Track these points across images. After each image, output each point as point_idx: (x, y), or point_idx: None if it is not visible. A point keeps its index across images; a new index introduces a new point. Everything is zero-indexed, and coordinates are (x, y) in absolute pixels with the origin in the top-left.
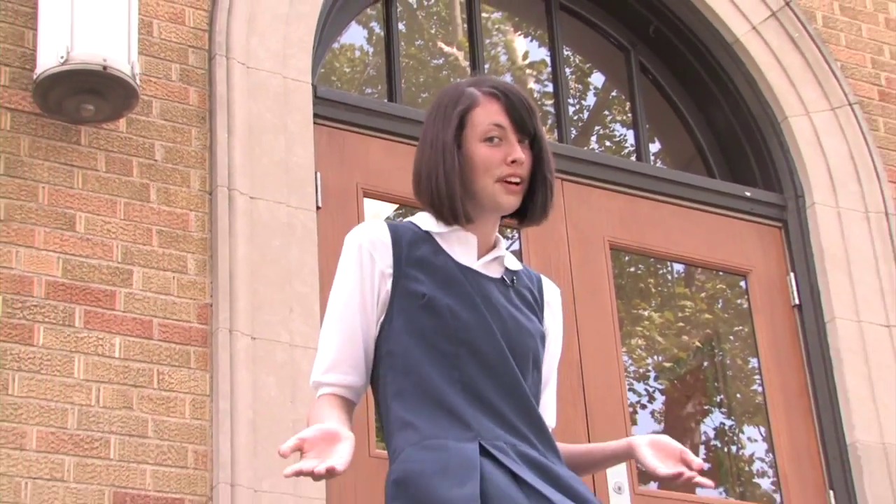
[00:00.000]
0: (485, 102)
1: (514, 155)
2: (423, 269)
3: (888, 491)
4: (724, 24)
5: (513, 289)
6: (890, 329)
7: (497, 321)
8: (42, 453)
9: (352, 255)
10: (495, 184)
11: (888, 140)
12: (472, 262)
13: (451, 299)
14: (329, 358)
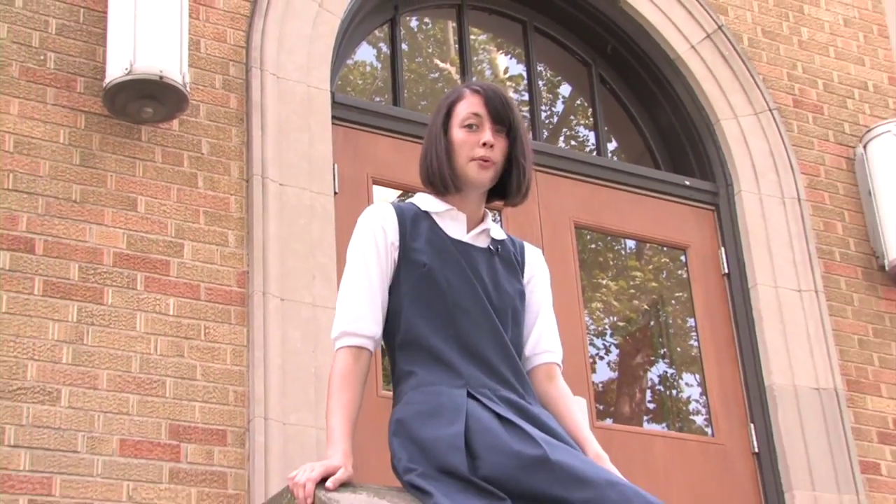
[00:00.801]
0: (468, 96)
1: (485, 138)
2: (423, 242)
3: (796, 423)
4: (668, 44)
5: (497, 256)
6: (800, 293)
7: (482, 285)
8: (111, 392)
9: (367, 231)
10: (469, 162)
11: (800, 139)
12: (462, 236)
13: (445, 268)
14: (354, 313)
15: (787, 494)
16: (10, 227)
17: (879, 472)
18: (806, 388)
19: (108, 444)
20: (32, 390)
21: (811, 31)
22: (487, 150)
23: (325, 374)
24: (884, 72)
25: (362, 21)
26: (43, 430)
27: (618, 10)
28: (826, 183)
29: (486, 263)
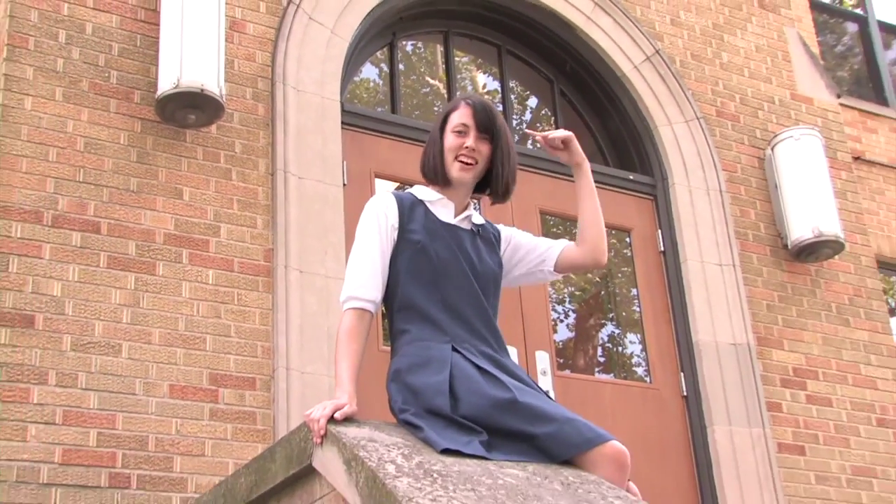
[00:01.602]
0: (461, 108)
1: (468, 143)
2: (418, 225)
3: (717, 372)
4: (615, 64)
5: (479, 236)
6: (721, 267)
7: (466, 259)
8: (162, 346)
9: (372, 215)
10: (454, 161)
11: (722, 142)
12: (450, 220)
13: (435, 245)
14: (361, 281)
15: (708, 429)
16: (81, 213)
17: (781, 410)
18: (725, 344)
19: (160, 388)
20: (99, 345)
21: (730, 55)
22: (469, 153)
23: (335, 333)
24: (787, 89)
25: (366, 45)
26: (108, 377)
27: (575, 36)
28: (742, 178)
29: (470, 242)
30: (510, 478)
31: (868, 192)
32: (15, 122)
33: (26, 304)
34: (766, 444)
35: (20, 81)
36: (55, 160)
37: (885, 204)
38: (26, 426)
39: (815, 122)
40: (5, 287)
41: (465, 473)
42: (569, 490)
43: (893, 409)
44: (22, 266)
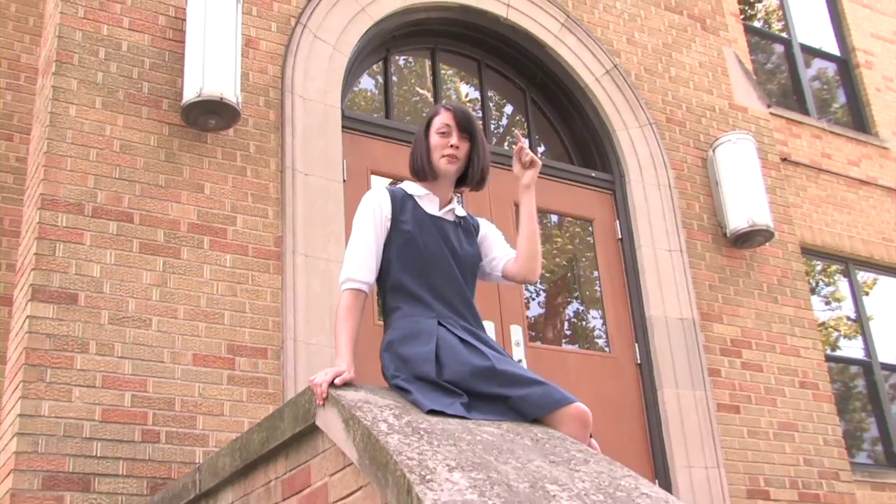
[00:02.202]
0: (443, 113)
1: (452, 141)
2: (408, 216)
3: (666, 342)
4: (580, 77)
5: (461, 227)
6: (670, 252)
7: (449, 247)
8: (186, 321)
9: (368, 207)
10: (441, 158)
11: (671, 145)
12: (435, 212)
13: (422, 234)
14: (357, 265)
15: (658, 392)
16: (117, 205)
17: (720, 375)
18: (673, 319)
19: (185, 356)
20: (132, 319)
21: (677, 70)
22: (454, 150)
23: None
24: (725, 99)
25: (364, 59)
26: (140, 347)
27: (545, 52)
28: (688, 176)
29: (453, 232)
30: (487, 434)
31: (793, 188)
32: (61, 127)
33: (70, 284)
34: (707, 404)
35: (66, 92)
36: (95, 160)
37: (807, 199)
38: (71, 389)
39: (750, 128)
40: (53, 269)
41: (447, 431)
42: (538, 445)
43: (813, 374)
44: (66, 251)
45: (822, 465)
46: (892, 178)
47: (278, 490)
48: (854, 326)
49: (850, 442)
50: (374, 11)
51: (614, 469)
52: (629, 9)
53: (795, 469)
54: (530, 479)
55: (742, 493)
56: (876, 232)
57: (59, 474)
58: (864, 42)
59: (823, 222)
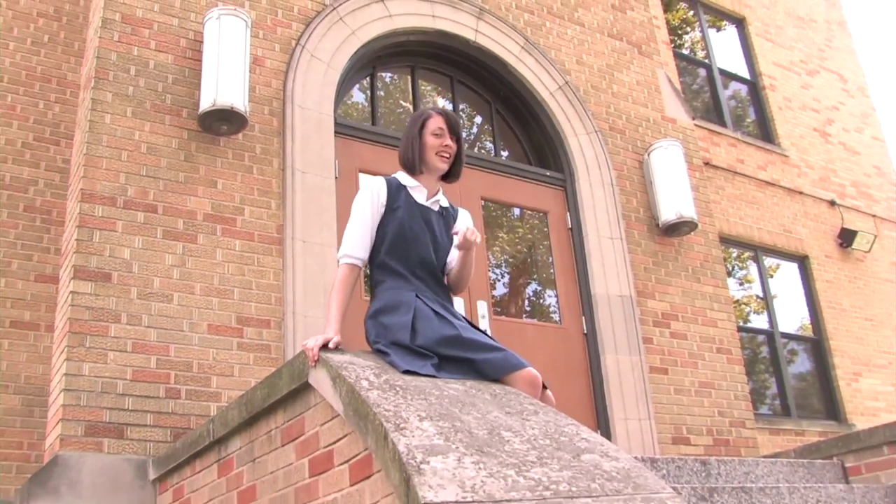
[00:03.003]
0: (436, 116)
1: (447, 142)
2: (400, 203)
3: (608, 315)
4: (536, 91)
5: (443, 217)
6: (612, 240)
7: (431, 233)
8: (202, 296)
9: (367, 193)
10: (435, 155)
11: (613, 149)
12: (423, 202)
13: (411, 221)
14: (354, 243)
15: (601, 357)
16: (143, 198)
17: (652, 343)
18: (614, 296)
19: (201, 326)
20: (156, 294)
21: (618, 87)
22: (447, 150)
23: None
24: (658, 112)
25: (354, 75)
26: (163, 318)
27: (507, 70)
28: (627, 175)
29: (436, 221)
30: (453, 391)
31: (714, 188)
32: (98, 133)
33: (105, 265)
34: (641, 367)
35: (102, 104)
36: (126, 160)
37: (725, 197)
38: (106, 353)
39: (678, 136)
40: (91, 252)
41: (419, 387)
42: (496, 399)
43: (727, 341)
44: (102, 238)
45: (732, 416)
46: (791, 180)
47: (278, 438)
48: (761, 303)
49: (755, 397)
50: (363, 35)
51: (559, 419)
52: (578, 35)
53: (711, 419)
54: (488, 427)
55: (668, 439)
56: (779, 225)
57: (99, 423)
58: (769, 69)
59: (738, 216)
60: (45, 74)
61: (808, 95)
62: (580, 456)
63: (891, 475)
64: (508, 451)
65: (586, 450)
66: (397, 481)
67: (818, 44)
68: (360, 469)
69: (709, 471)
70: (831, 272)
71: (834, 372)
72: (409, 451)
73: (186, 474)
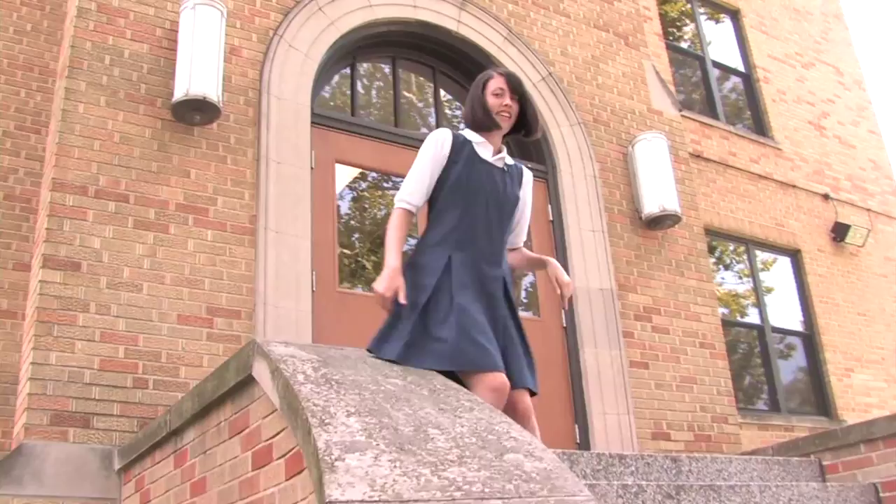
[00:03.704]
0: (496, 77)
1: (506, 101)
2: (463, 156)
3: (588, 309)
4: None
5: (507, 173)
6: (594, 232)
7: (492, 188)
8: (172, 286)
9: (432, 143)
10: (496, 114)
11: (597, 141)
12: (487, 158)
13: (471, 173)
14: (412, 189)
15: (580, 350)
16: (115, 187)
17: (633, 337)
18: (594, 289)
19: (171, 316)
20: (126, 284)
21: (604, 78)
22: (508, 109)
23: (302, 278)
24: (644, 104)
25: (333, 65)
26: (132, 308)
27: (489, 61)
28: (611, 168)
29: (499, 176)
30: (391, 385)
31: (705, 181)
32: (71, 122)
33: (75, 254)
34: (621, 361)
35: (76, 93)
36: (98, 149)
37: (716, 190)
38: (74, 342)
39: (664, 128)
40: (61, 241)
41: (357, 382)
42: (433, 395)
43: (711, 336)
44: (72, 227)
45: (714, 411)
46: (784, 174)
47: (226, 430)
48: (752, 297)
49: (745, 393)
50: (342, 25)
51: (493, 416)
52: (563, 26)
53: (693, 415)
54: (416, 424)
55: (648, 434)
56: (771, 218)
57: (65, 413)
58: (763, 61)
59: (729, 209)
60: (27, 63)
61: (804, 88)
62: (503, 455)
63: (867, 473)
64: (430, 449)
65: (512, 449)
66: (315, 478)
67: (814, 36)
68: (294, 464)
69: (679, 468)
70: (824, 266)
71: (825, 367)
72: (326, 448)
73: (147, 465)
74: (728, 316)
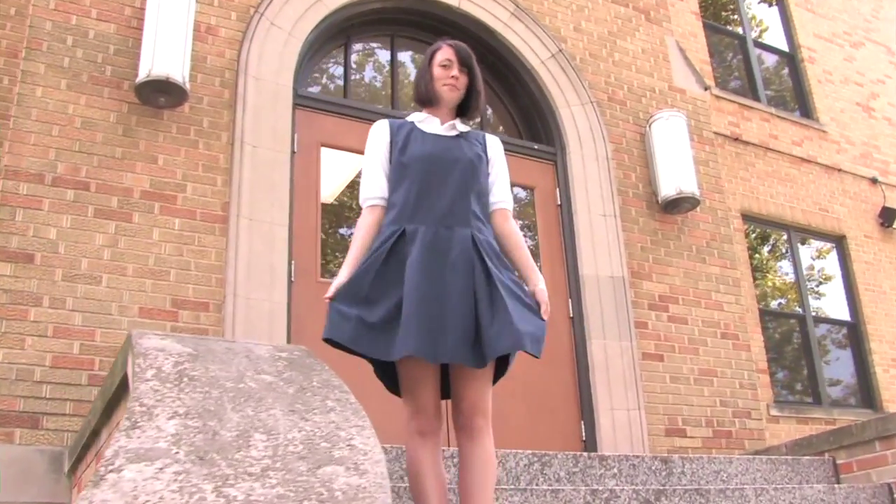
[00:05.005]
0: (444, 48)
1: (453, 73)
2: (402, 136)
3: (596, 298)
4: (527, 60)
5: (465, 139)
6: (605, 217)
7: (443, 150)
8: (134, 278)
9: (370, 137)
10: (442, 86)
11: (611, 121)
12: (434, 131)
13: (413, 147)
14: (366, 185)
15: (588, 342)
16: (75, 175)
17: (647, 328)
18: (604, 277)
19: (132, 310)
20: (84, 276)
21: (621, 55)
22: (454, 81)
23: (277, 268)
24: (665, 82)
25: (323, 45)
26: (90, 301)
27: (495, 38)
28: (626, 149)
29: (452, 142)
30: (254, 383)
31: (743, 164)
32: (27, 107)
33: (28, 246)
34: (632, 353)
35: (34, 76)
36: (57, 135)
37: (755, 173)
38: (24, 338)
39: (687, 107)
40: (12, 232)
41: (215, 379)
42: (299, 393)
43: (734, 326)
44: (26, 216)
45: (736, 405)
46: (829, 157)
47: None
48: (793, 286)
49: (784, 384)
50: (330, 2)
51: (347, 421)
52: (577, 0)
53: (712, 409)
54: (245, 428)
55: (661, 431)
56: (814, 203)
57: (11, 413)
58: (808, 41)
59: (769, 194)
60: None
61: (852, 68)
62: (320, 468)
63: (882, 473)
64: (237, 458)
65: (337, 460)
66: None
67: (864, 14)
68: None
69: (670, 469)
70: (871, 253)
71: (871, 358)
72: (113, 456)
73: (83, 467)
74: (766, 304)
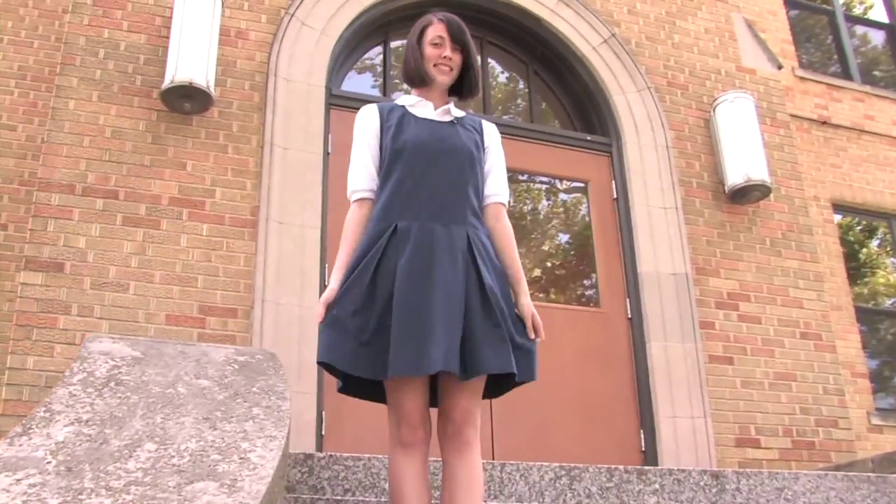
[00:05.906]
0: (436, 23)
1: (446, 52)
2: (393, 122)
3: (657, 297)
4: (577, 47)
5: (460, 126)
6: (665, 210)
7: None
8: (161, 285)
9: (357, 125)
10: (434, 67)
11: (671, 107)
12: (427, 116)
13: (405, 134)
14: (354, 177)
15: (647, 344)
16: (104, 184)
17: (714, 328)
18: (665, 274)
19: (159, 317)
20: (112, 284)
21: (681, 36)
22: (447, 61)
23: (308, 272)
24: (732, 62)
25: (360, 43)
26: (117, 308)
27: (542, 27)
28: (688, 136)
29: (447, 129)
30: (186, 388)
31: (832, 149)
32: (60, 120)
33: (58, 255)
34: (697, 356)
35: (67, 89)
36: (88, 146)
37: (847, 159)
38: (53, 346)
39: (758, 89)
40: (44, 242)
41: (145, 383)
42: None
43: (816, 325)
44: (56, 226)
45: (819, 413)
46: None
47: None
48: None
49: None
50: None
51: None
52: None
53: (790, 418)
54: (140, 438)
55: (730, 441)
56: None
57: None
58: None
59: (864, 181)
60: None
61: None
62: (192, 484)
63: None
64: (110, 471)
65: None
66: None
67: None
68: None
69: (722, 485)
70: None
71: None
72: None
73: None
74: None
